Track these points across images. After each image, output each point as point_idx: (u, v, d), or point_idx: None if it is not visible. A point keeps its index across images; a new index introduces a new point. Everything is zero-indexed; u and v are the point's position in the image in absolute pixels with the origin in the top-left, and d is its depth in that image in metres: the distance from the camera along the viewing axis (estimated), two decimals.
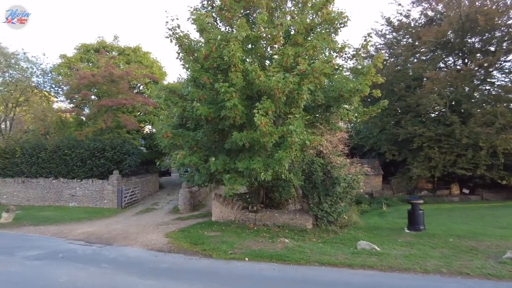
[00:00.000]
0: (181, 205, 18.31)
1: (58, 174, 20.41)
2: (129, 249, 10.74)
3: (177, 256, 10.06)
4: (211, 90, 11.19)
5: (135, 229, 13.61)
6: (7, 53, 22.80)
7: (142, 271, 8.63)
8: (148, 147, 26.41)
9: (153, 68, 27.23)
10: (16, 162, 20.89)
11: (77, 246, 11.14)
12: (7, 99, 22.87)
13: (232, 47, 9.83)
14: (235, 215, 14.37)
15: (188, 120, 12.56)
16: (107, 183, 19.71)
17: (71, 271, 8.47)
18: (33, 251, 10.47)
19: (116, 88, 21.83)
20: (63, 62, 25.71)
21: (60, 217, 16.07)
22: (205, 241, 11.34)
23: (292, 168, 12.61)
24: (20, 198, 20.69)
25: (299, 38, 11.32)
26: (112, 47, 27.55)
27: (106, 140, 20.50)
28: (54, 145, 20.54)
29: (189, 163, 11.24)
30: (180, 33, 11.42)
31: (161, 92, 12.38)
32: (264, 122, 9.55)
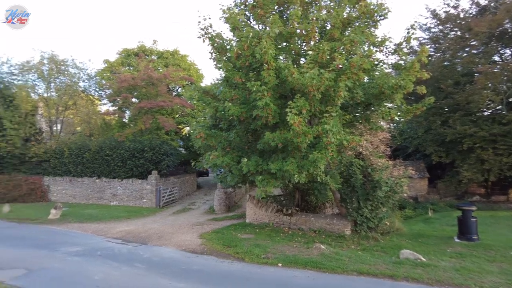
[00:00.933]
0: (217, 206, 18.32)
1: (100, 173, 21.37)
2: (163, 249, 10.78)
3: (209, 258, 9.91)
4: (243, 90, 10.97)
5: (171, 229, 13.73)
6: (58, 60, 24.35)
7: (174, 272, 8.56)
8: (186, 148, 26.91)
9: (190, 71, 27.73)
10: (64, 162, 22.18)
11: (114, 244, 11.41)
12: (58, 103, 24.42)
13: (264, 45, 9.53)
14: (269, 218, 14.02)
15: (221, 121, 12.46)
16: (146, 183, 20.26)
17: (106, 270, 8.61)
18: (75, 247, 10.86)
19: (155, 91, 22.45)
20: (106, 67, 27.02)
21: (101, 215, 16.72)
22: (238, 243, 11.10)
23: (329, 170, 12.01)
24: (67, 196, 21.94)
25: (335, 33, 10.75)
26: (151, 51, 28.47)
27: (146, 141, 21.12)
28: (97, 146, 21.54)
29: (221, 163, 11.09)
30: (212, 33, 11.32)
31: (194, 93, 12.38)
32: (298, 122, 9.12)
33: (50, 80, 24.10)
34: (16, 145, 21.90)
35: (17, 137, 21.90)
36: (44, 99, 24.48)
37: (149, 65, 23.87)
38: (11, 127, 21.68)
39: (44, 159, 22.42)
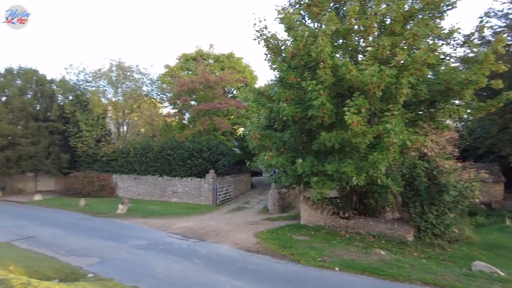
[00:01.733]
0: (271, 206, 18.40)
1: (162, 172, 22.70)
2: (220, 247, 11.11)
3: (265, 258, 9.99)
4: (298, 90, 10.85)
5: (227, 227, 14.10)
6: (124, 67, 26.43)
7: (230, 270, 8.78)
8: (240, 148, 27.48)
9: (245, 73, 28.25)
10: (130, 161, 23.97)
11: (175, 239, 12.03)
12: (124, 106, 26.49)
13: (320, 43, 9.33)
14: (324, 220, 13.71)
15: (275, 121, 12.46)
16: (204, 181, 21.07)
17: (167, 263, 9.12)
18: (140, 241, 11.67)
19: (212, 93, 23.27)
20: (166, 72, 28.65)
21: (163, 211, 17.74)
22: (293, 245, 11.04)
23: (390, 172, 11.40)
24: (132, 193, 23.66)
25: (396, 27, 10.17)
26: (208, 55, 29.54)
27: (203, 141, 21.98)
28: (160, 146, 22.91)
29: (276, 164, 11.08)
30: (267, 34, 11.38)
31: (249, 94, 12.55)
32: (356, 121, 8.79)
33: (117, 85, 26.24)
34: (90, 145, 24.25)
35: (91, 138, 24.22)
36: (112, 103, 26.73)
37: (206, 68, 24.80)
38: (86, 129, 24.07)
39: (112, 158, 24.46)
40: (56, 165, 24.44)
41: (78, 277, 7.71)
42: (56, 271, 7.76)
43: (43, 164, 23.85)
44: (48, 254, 9.70)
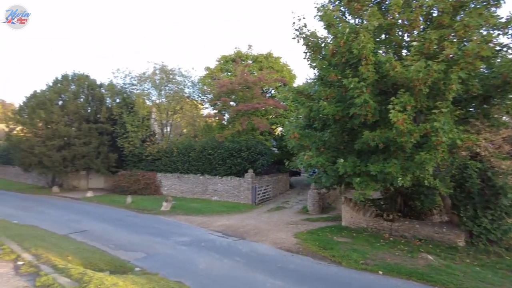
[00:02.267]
0: (310, 206, 18.16)
1: (204, 171, 23.30)
2: (260, 246, 11.17)
3: (305, 259, 9.90)
4: (339, 87, 10.60)
5: (266, 226, 14.14)
6: (167, 70, 27.47)
7: (271, 269, 8.79)
8: (279, 148, 27.44)
9: (283, 72, 28.16)
10: (173, 160, 24.88)
11: (216, 237, 12.29)
12: (167, 108, 27.52)
13: (362, 39, 9.05)
14: (367, 222, 13.27)
15: (315, 121, 12.26)
16: (243, 180, 21.32)
17: (209, 260, 9.34)
18: (182, 237, 12.07)
19: (251, 94, 23.47)
20: (207, 74, 29.36)
21: (204, 209, 18.20)
22: (334, 246, 10.81)
23: (438, 173, 10.77)
24: (176, 191, 24.53)
25: (444, 19, 9.58)
26: (246, 56, 29.83)
27: (242, 141, 22.25)
28: (201, 146, 23.54)
29: (316, 164, 10.91)
30: (307, 32, 11.22)
31: (288, 93, 12.46)
32: (402, 119, 8.41)
33: (161, 88, 27.30)
34: (136, 145, 25.52)
35: (137, 138, 25.47)
36: (156, 105, 27.88)
37: (245, 69, 25.05)
38: (132, 130, 25.36)
39: (157, 157, 25.53)
40: (105, 164, 26.05)
41: (126, 270, 8.14)
42: (107, 263, 8.25)
43: (94, 163, 25.53)
44: (99, 247, 10.34)
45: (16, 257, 6.85)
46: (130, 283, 6.00)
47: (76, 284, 5.18)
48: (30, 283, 5.20)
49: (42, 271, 5.79)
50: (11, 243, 8.05)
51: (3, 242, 8.11)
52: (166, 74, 27.08)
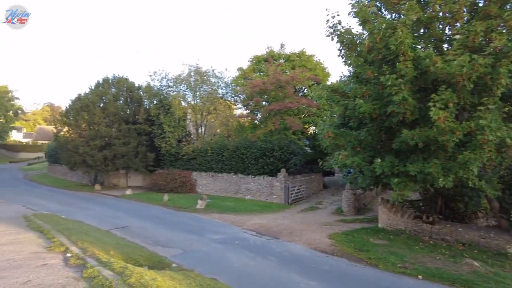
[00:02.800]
0: (345, 207, 17.79)
1: (237, 170, 23.57)
2: (294, 246, 11.11)
3: (340, 260, 9.71)
4: (375, 85, 10.29)
5: (300, 226, 14.04)
6: (201, 72, 28.09)
7: (304, 269, 8.72)
8: (312, 147, 27.12)
9: (316, 70, 27.77)
10: (208, 160, 25.41)
11: (250, 236, 12.38)
12: (202, 108, 28.16)
13: (399, 34, 8.73)
14: (405, 224, 12.76)
15: (350, 119, 11.99)
16: (276, 180, 21.30)
17: (243, 258, 9.44)
18: (217, 235, 12.29)
19: (283, 93, 23.38)
20: (240, 74, 29.64)
21: (238, 208, 18.41)
22: (370, 248, 10.52)
23: (484, 173, 10.13)
24: (210, 189, 25.03)
25: (492, 9, 8.99)
26: (279, 55, 29.75)
27: (275, 141, 22.23)
28: (234, 145, 23.83)
29: (351, 164, 10.66)
30: (341, 29, 11.01)
31: (323, 91, 12.28)
32: (443, 117, 8.01)
33: (196, 89, 27.97)
34: (172, 145, 26.36)
35: (173, 138, 26.31)
36: (191, 106, 28.61)
37: (277, 69, 25.01)
38: (169, 130, 26.24)
39: (192, 157, 26.20)
40: (143, 163, 27.14)
41: (164, 266, 8.43)
42: (146, 259, 8.59)
43: (132, 162, 26.69)
44: (138, 243, 10.79)
45: (65, 249, 7.32)
46: (167, 278, 6.20)
47: (118, 277, 5.44)
48: (78, 274, 5.54)
49: (88, 263, 6.14)
50: (60, 237, 8.62)
51: (53, 235, 8.70)
52: (200, 76, 27.69)
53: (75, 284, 5.06)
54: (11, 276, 5.46)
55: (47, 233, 9.05)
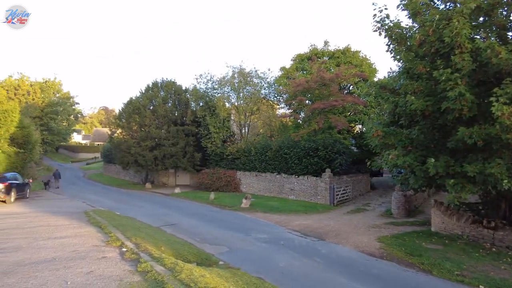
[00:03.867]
0: (394, 209, 16.97)
1: (280, 170, 23.54)
2: (340, 248, 10.84)
3: (390, 264, 9.30)
4: (427, 80, 9.69)
5: (346, 228, 13.66)
6: (245, 73, 28.49)
7: (352, 272, 8.47)
8: (358, 146, 26.26)
9: (362, 67, 26.82)
10: (251, 159, 25.70)
11: (294, 236, 12.30)
12: (245, 109, 28.57)
13: (455, 25, 8.15)
14: (462, 229, 11.86)
15: (400, 117, 11.38)
16: (320, 180, 20.92)
17: (288, 259, 9.39)
18: (262, 234, 12.37)
19: (327, 91, 22.89)
20: (282, 74, 29.54)
21: (282, 208, 18.38)
22: (423, 253, 9.93)
23: None
24: (254, 189, 25.29)
25: None
26: (323, 52, 29.18)
27: (319, 140, 21.84)
28: (277, 145, 23.84)
29: (402, 164, 10.14)
30: (389, 24, 10.52)
31: (371, 89, 11.82)
32: (508, 113, 7.35)
33: (239, 90, 28.43)
34: (217, 145, 27.08)
35: (218, 139, 27.02)
36: (235, 107, 29.13)
37: (321, 66, 24.55)
38: (214, 131, 27.00)
39: (236, 156, 26.67)
40: (191, 163, 28.18)
41: (211, 263, 8.65)
42: (194, 255, 8.89)
43: (181, 162, 27.83)
44: (187, 240, 11.18)
45: (120, 244, 7.82)
46: (215, 275, 6.36)
47: (169, 272, 5.69)
48: (133, 268, 5.89)
49: (142, 258, 6.50)
50: (116, 232, 9.23)
51: (110, 230, 9.34)
52: (244, 77, 28.07)
53: (130, 277, 5.38)
54: (76, 266, 5.97)
55: (104, 228, 9.74)
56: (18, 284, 5.06)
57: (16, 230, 9.66)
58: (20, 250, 7.22)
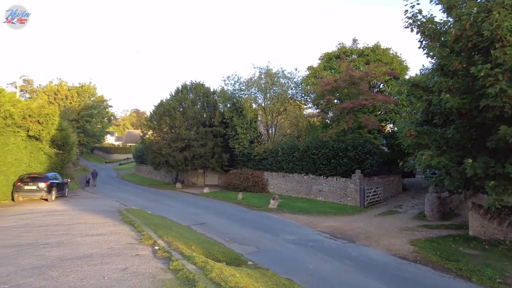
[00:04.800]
0: (428, 212, 16.29)
1: (308, 171, 23.31)
2: (371, 251, 10.57)
3: (424, 269, 8.95)
4: (464, 77, 9.23)
5: (378, 231, 13.30)
6: (272, 74, 28.52)
7: (384, 276, 8.24)
8: (389, 146, 25.49)
9: (393, 64, 26.01)
10: (278, 160, 25.64)
11: (324, 238, 12.14)
12: (272, 110, 28.60)
13: (495, 17, 7.71)
14: (504, 234, 11.19)
15: (434, 116, 10.90)
16: (350, 181, 20.49)
17: (317, 261, 9.28)
18: (290, 235, 12.30)
19: (356, 90, 22.40)
20: (310, 73, 29.25)
21: (310, 209, 18.19)
22: (461, 258, 9.47)
23: None
24: (281, 189, 25.20)
25: None
26: (351, 50, 28.61)
27: (348, 140, 21.42)
28: (305, 146, 23.63)
29: (437, 165, 9.71)
30: (422, 19, 10.13)
31: (402, 87, 11.42)
32: None
33: (266, 91, 28.49)
34: (245, 146, 27.28)
35: (245, 140, 27.21)
36: (262, 107, 29.24)
37: (350, 65, 24.06)
38: (241, 132, 27.23)
39: (263, 157, 26.73)
40: (219, 163, 28.58)
41: (240, 263, 8.71)
42: (223, 255, 8.99)
43: (209, 162, 28.30)
44: (216, 239, 11.34)
45: (153, 242, 8.07)
46: (245, 275, 6.40)
47: (200, 271, 5.79)
48: (165, 266, 6.05)
49: (173, 256, 6.67)
50: (148, 230, 9.53)
51: (143, 229, 9.65)
52: (271, 78, 28.11)
53: (163, 275, 5.54)
54: (112, 262, 6.23)
55: (137, 226, 10.08)
56: (61, 277, 5.36)
57: (57, 226, 10.22)
58: (61, 245, 7.63)
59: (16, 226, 10.47)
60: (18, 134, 17.53)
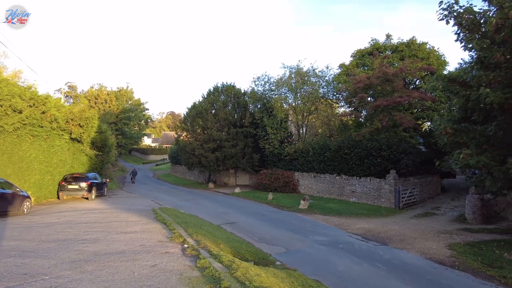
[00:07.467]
0: (469, 214, 15.34)
1: (340, 171, 22.79)
2: (404, 253, 10.15)
3: (462, 275, 8.45)
4: (507, 70, 8.60)
5: (412, 233, 12.74)
6: (302, 73, 28.19)
7: (418, 281, 7.88)
8: (427, 145, 24.32)
9: (429, 59, 24.79)
10: (309, 160, 25.31)
11: (355, 240, 11.82)
12: (303, 109, 28.27)
13: None
14: None
15: (473, 112, 10.26)
16: (384, 182, 19.79)
17: (347, 263, 9.06)
18: (320, 237, 12.11)
19: (391, 87, 21.59)
20: (342, 71, 28.61)
21: (342, 210, 17.78)
22: (506, 265, 8.85)
23: None
24: (312, 190, 24.86)
25: None
26: (385, 46, 27.65)
27: (382, 139, 20.71)
28: (337, 145, 23.13)
29: (476, 164, 9.14)
30: (459, 10, 9.57)
31: (438, 82, 10.86)
32: None
33: (296, 90, 28.23)
34: (275, 146, 27.22)
35: (276, 140, 27.15)
36: (292, 107, 29.00)
37: (383, 61, 23.26)
38: (272, 132, 27.21)
39: (294, 157, 26.52)
40: (250, 164, 28.76)
41: (268, 263, 8.71)
42: (251, 254, 9.03)
43: (240, 162, 28.57)
44: (245, 238, 11.41)
45: (183, 240, 8.29)
46: (271, 275, 6.40)
47: (226, 270, 5.87)
48: (193, 264, 6.20)
49: (201, 254, 6.81)
50: (179, 229, 9.80)
51: (174, 227, 9.94)
52: (301, 77, 27.83)
53: (190, 272, 5.67)
54: (143, 259, 6.48)
55: (169, 225, 10.39)
56: (95, 271, 5.66)
57: (95, 224, 10.80)
58: (97, 242, 8.06)
59: (59, 222, 11.21)
60: (62, 137, 18.73)
